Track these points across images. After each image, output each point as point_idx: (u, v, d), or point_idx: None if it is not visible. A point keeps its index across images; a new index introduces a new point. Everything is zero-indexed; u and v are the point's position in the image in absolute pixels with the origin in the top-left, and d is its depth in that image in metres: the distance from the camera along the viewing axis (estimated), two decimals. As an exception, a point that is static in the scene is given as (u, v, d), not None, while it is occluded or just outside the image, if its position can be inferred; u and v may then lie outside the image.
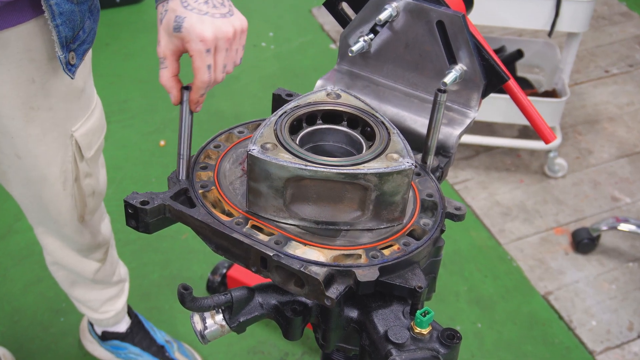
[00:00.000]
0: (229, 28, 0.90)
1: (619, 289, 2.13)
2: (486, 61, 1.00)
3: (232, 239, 0.85)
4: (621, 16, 3.42)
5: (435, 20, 0.99)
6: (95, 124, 1.30)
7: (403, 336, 0.81)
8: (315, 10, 3.39)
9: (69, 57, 1.10)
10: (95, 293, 1.63)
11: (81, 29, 1.12)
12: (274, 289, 0.91)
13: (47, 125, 1.19)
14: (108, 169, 1.51)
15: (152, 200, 0.89)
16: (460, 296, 2.08)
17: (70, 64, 1.11)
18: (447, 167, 1.04)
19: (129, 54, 2.97)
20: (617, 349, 1.96)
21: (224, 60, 0.91)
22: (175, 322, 1.95)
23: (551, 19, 2.18)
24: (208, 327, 0.90)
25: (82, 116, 1.26)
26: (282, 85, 2.54)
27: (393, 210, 0.87)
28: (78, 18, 1.09)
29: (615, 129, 2.74)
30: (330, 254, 0.84)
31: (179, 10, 0.89)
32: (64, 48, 1.08)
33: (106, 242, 1.55)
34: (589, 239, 2.20)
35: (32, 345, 1.89)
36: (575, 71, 3.01)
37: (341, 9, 1.11)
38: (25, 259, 2.10)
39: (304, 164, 0.83)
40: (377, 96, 1.09)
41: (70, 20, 1.07)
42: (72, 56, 1.11)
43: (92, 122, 1.29)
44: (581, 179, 2.51)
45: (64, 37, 1.07)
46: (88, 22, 1.14)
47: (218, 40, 0.89)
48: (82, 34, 1.12)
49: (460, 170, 2.52)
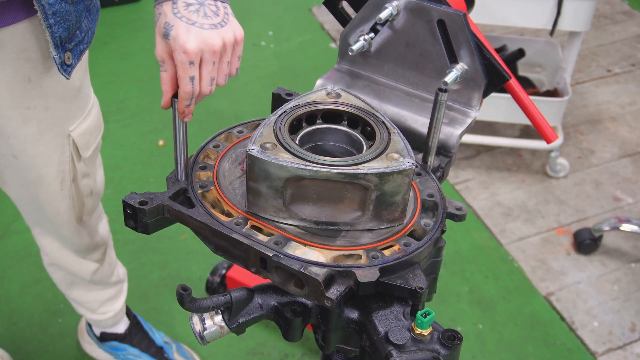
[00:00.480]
0: (217, 40, 0.87)
1: (621, 289, 2.12)
2: (487, 60, 1.00)
3: (232, 240, 0.84)
4: (623, 15, 3.41)
5: (436, 19, 0.99)
6: (92, 124, 1.29)
7: (404, 337, 0.80)
8: (315, 9, 3.38)
9: (64, 57, 1.09)
10: (94, 294, 1.63)
11: (78, 29, 1.10)
12: (273, 289, 0.91)
13: (44, 125, 1.18)
14: (106, 168, 1.50)
15: (151, 201, 0.88)
16: (461, 297, 2.07)
17: (66, 64, 1.10)
18: (448, 167, 1.04)
19: (128, 53, 2.97)
20: (620, 350, 1.95)
21: (211, 72, 0.88)
22: (174, 323, 1.94)
23: (553, 17, 2.18)
24: (207, 328, 0.90)
25: (79, 116, 1.25)
26: (281, 84, 2.53)
27: (393, 210, 0.87)
28: (73, 18, 1.07)
29: (618, 128, 2.74)
30: (330, 255, 0.84)
31: (169, 17, 0.87)
32: (59, 48, 1.07)
33: (104, 243, 1.54)
34: (590, 239, 2.19)
35: (30, 346, 1.88)
36: (577, 70, 3.00)
37: (341, 7, 1.11)
38: (23, 260, 2.09)
39: (303, 164, 0.83)
40: (377, 95, 1.08)
41: (64, 20, 1.05)
42: (68, 56, 1.09)
43: (89, 122, 1.28)
44: (583, 179, 2.50)
45: (58, 37, 1.05)
46: (86, 21, 1.12)
47: (203, 52, 0.86)
48: (79, 33, 1.11)
49: (461, 170, 2.51)
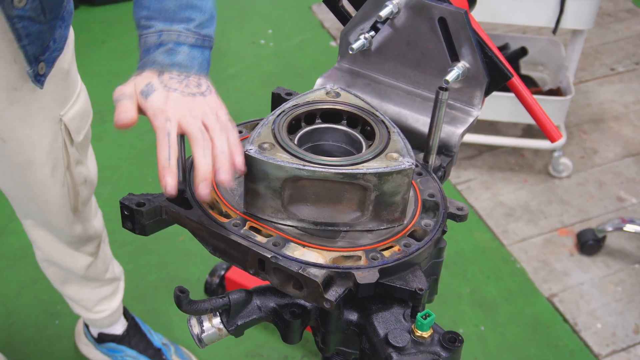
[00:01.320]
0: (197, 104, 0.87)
1: (625, 291, 2.10)
2: (489, 58, 0.99)
3: (230, 241, 0.84)
4: (627, 13, 3.40)
5: (437, 17, 0.98)
6: (82, 108, 1.30)
7: (404, 339, 0.80)
8: (315, 7, 3.38)
9: (37, 69, 1.09)
10: (89, 291, 1.62)
11: (51, 40, 1.10)
12: (272, 291, 0.90)
13: (32, 107, 1.18)
14: (104, 169, 1.50)
15: (149, 202, 0.88)
16: (463, 298, 2.06)
17: (40, 75, 1.10)
18: (450, 167, 1.03)
19: (126, 51, 2.96)
20: (623, 352, 1.94)
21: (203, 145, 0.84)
22: (172, 324, 1.94)
23: (556, 16, 2.17)
24: (205, 330, 0.89)
25: (68, 100, 1.26)
26: (281, 83, 2.52)
27: (393, 210, 0.86)
28: (47, 35, 1.08)
29: (621, 127, 2.72)
30: (330, 256, 0.83)
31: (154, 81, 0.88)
32: (33, 63, 1.07)
33: (98, 236, 1.54)
34: (594, 240, 2.18)
35: (27, 348, 1.88)
36: (580, 69, 2.99)
37: (341, 5, 1.11)
38: (19, 261, 2.08)
39: (302, 164, 0.82)
40: (378, 94, 1.08)
41: (38, 39, 1.06)
42: (41, 67, 1.10)
43: (79, 106, 1.29)
44: (586, 179, 2.49)
45: (32, 54, 1.06)
46: (59, 30, 1.12)
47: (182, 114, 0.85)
48: (52, 44, 1.11)
49: (462, 170, 2.50)
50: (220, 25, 1.96)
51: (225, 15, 3.22)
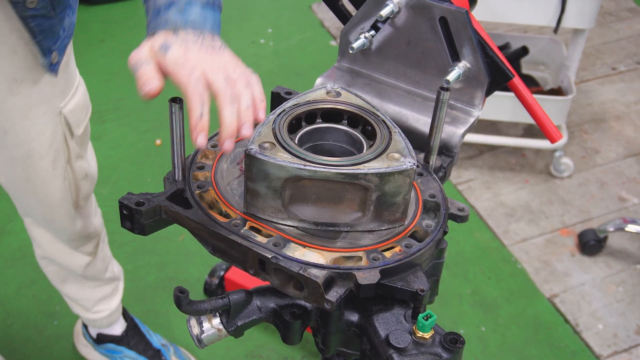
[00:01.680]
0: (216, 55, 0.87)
1: (627, 291, 2.10)
2: (490, 58, 0.99)
3: (230, 241, 0.84)
4: (628, 12, 3.40)
5: (438, 16, 0.98)
6: (81, 100, 1.30)
7: (405, 340, 0.80)
8: (315, 6, 3.37)
9: (51, 58, 1.11)
10: (88, 290, 1.62)
11: (61, 29, 1.13)
12: (272, 292, 0.90)
13: (33, 99, 1.19)
14: (103, 168, 1.50)
15: (148, 202, 0.87)
16: (464, 299, 2.06)
17: (53, 63, 1.12)
18: (450, 167, 1.03)
19: (125, 51, 2.93)
20: (625, 353, 1.93)
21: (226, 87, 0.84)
22: (171, 325, 1.93)
23: (557, 15, 2.17)
24: (205, 331, 0.89)
25: (68, 92, 1.26)
26: (281, 83, 2.52)
27: (394, 211, 0.86)
28: (58, 26, 1.10)
29: (623, 127, 2.72)
30: (330, 256, 0.83)
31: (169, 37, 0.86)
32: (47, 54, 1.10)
33: (97, 234, 1.54)
34: (595, 240, 2.17)
35: (26, 349, 1.87)
36: (582, 68, 2.98)
37: (342, 4, 1.11)
38: (18, 261, 2.08)
39: (302, 164, 0.82)
40: (378, 94, 1.07)
41: (51, 32, 1.08)
42: (54, 56, 1.12)
43: (78, 98, 1.29)
44: (587, 179, 2.48)
45: (46, 47, 1.09)
46: (68, 19, 1.14)
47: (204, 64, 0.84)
48: (62, 32, 1.13)
49: (463, 170, 2.50)
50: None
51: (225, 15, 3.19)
